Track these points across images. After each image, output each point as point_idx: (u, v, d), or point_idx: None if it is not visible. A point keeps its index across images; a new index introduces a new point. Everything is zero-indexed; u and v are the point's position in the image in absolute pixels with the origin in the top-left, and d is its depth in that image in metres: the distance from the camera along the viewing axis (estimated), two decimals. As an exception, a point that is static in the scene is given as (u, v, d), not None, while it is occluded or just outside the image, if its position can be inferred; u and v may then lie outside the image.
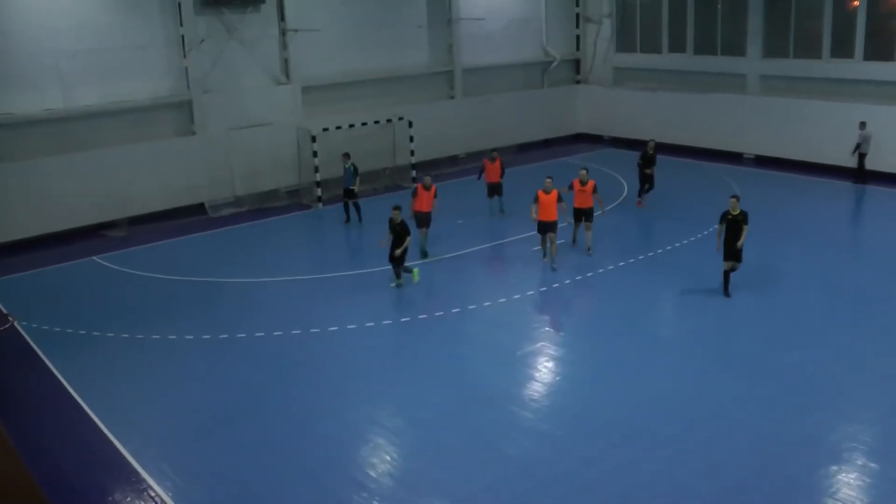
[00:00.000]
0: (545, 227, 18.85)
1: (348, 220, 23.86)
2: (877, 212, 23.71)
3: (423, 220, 20.04)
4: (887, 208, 23.74)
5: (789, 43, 28.84)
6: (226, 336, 16.06)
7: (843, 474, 10.67)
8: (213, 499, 10.87)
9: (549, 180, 18.66)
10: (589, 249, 19.78)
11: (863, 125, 25.20)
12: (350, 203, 23.85)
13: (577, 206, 19.85)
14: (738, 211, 16.45)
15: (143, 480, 11.29)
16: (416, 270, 18.56)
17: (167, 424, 12.90)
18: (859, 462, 10.94)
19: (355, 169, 23.52)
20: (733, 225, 16.43)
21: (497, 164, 23.62)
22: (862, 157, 25.44)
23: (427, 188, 20.07)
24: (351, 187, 23.61)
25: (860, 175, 25.60)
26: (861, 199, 24.78)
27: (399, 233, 17.79)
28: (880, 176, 25.73)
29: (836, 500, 10.13)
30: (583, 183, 19.70)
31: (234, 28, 25.83)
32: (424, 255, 19.94)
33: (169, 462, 11.71)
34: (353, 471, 11.27)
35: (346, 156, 23.66)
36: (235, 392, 13.75)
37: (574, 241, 20.34)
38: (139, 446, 12.15)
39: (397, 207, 17.97)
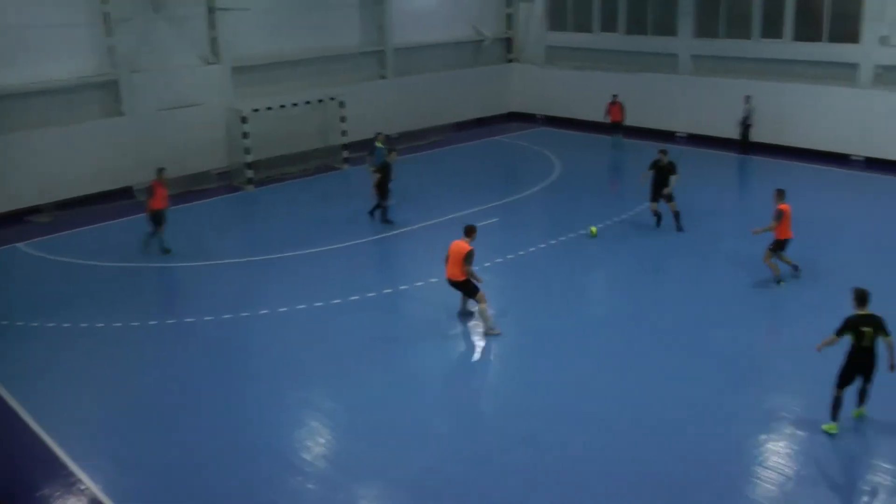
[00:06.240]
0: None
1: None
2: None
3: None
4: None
5: (720, 23, 29.31)
6: (155, 322, 15.74)
7: (772, 443, 11.07)
8: (146, 489, 10.65)
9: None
10: None
11: (747, 99, 26.92)
12: None
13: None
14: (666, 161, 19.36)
15: (73, 474, 10.99)
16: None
17: (97, 415, 12.59)
18: (787, 431, 11.35)
19: None
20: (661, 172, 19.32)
21: (618, 105, 28.78)
22: (747, 128, 27.21)
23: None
24: None
25: (744, 146, 27.39)
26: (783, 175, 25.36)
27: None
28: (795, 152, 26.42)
29: (766, 467, 10.52)
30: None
31: (161, 5, 25.17)
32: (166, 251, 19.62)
33: (100, 454, 11.45)
34: (288, 454, 11.17)
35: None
36: (167, 379, 13.50)
37: None
38: (68, 439, 11.84)
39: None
